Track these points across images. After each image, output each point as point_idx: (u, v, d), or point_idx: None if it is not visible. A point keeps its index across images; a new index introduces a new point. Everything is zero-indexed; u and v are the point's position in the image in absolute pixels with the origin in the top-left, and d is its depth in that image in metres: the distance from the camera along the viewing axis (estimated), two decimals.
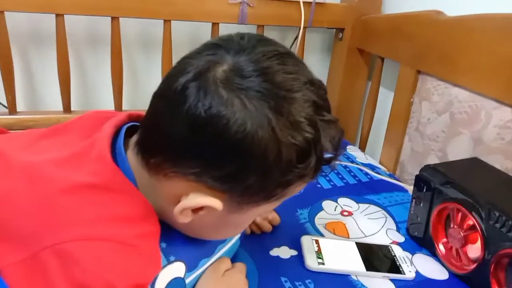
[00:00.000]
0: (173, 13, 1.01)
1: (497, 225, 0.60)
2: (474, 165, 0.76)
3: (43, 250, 0.40)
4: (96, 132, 0.49)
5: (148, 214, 0.46)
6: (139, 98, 1.15)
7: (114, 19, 0.98)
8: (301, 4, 1.08)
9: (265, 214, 0.68)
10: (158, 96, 0.46)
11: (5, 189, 0.44)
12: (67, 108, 1.04)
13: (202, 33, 1.11)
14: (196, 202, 0.44)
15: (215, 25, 1.07)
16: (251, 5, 1.06)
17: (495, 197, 0.63)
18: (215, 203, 0.44)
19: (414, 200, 0.75)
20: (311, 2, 1.10)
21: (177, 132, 0.42)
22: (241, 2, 1.05)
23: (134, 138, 0.49)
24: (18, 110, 1.02)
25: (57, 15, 0.94)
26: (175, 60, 0.46)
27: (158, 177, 0.45)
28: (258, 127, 0.40)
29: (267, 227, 0.73)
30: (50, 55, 1.00)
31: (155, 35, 1.08)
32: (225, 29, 1.09)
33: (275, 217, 0.74)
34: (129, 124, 0.52)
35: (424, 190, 0.72)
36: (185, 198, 0.45)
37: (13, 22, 0.95)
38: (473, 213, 0.63)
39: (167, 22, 1.02)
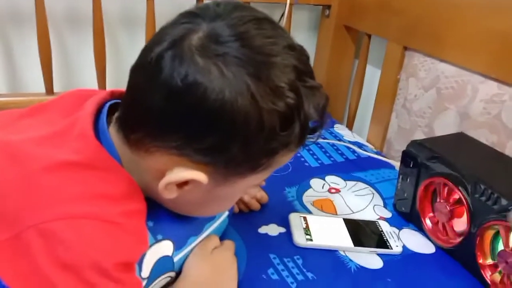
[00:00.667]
0: None
1: (483, 198, 0.60)
2: (460, 140, 0.76)
3: (26, 229, 0.39)
4: (78, 110, 0.48)
5: (133, 191, 0.46)
6: (122, 77, 1.10)
7: None
8: None
9: (253, 188, 0.67)
10: (135, 69, 0.45)
11: None
12: (49, 89, 1.01)
13: (185, 9, 1.09)
14: (180, 176, 0.43)
15: (199, 1, 1.04)
16: None
17: (481, 171, 0.64)
18: (200, 176, 0.43)
19: (401, 176, 0.75)
20: None
21: (155, 105, 0.41)
22: None
23: (115, 118, 0.48)
24: None
25: None
26: None
27: (140, 153, 0.44)
28: (237, 94, 0.39)
29: (256, 206, 0.73)
30: (31, 35, 0.97)
31: (138, 12, 1.06)
32: None
33: (263, 196, 0.74)
34: (112, 102, 0.50)
35: (411, 166, 0.72)
36: (169, 173, 0.43)
37: None
38: (459, 187, 0.63)
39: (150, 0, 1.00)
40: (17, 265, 0.39)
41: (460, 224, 0.66)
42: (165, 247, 0.51)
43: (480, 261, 0.62)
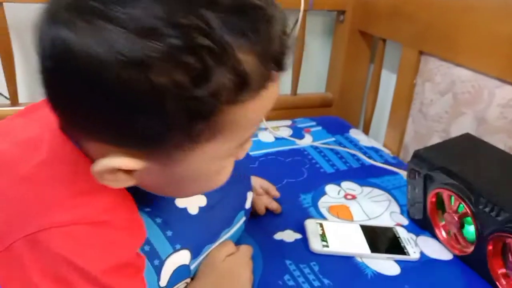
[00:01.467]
0: None
1: (487, 210, 0.59)
2: (466, 143, 0.75)
3: (16, 241, 0.38)
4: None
5: None
6: None
7: None
8: None
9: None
10: None
11: None
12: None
13: None
14: (103, 165, 0.37)
15: None
16: None
17: (485, 179, 0.63)
18: (130, 163, 0.37)
19: (409, 186, 0.74)
20: None
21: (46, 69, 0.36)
22: None
23: None
24: (20, 101, 1.02)
25: None
26: None
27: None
28: (104, 54, 0.31)
29: (275, 206, 0.74)
30: None
31: None
32: None
33: (278, 207, 0.75)
34: None
35: (416, 177, 0.71)
36: (101, 161, 0.38)
37: (12, 13, 0.95)
38: (464, 198, 0.62)
39: None
40: (11, 279, 0.38)
41: (470, 233, 0.65)
42: (183, 256, 0.52)
43: (494, 270, 0.60)
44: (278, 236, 0.70)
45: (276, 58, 0.36)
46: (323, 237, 0.68)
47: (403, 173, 0.92)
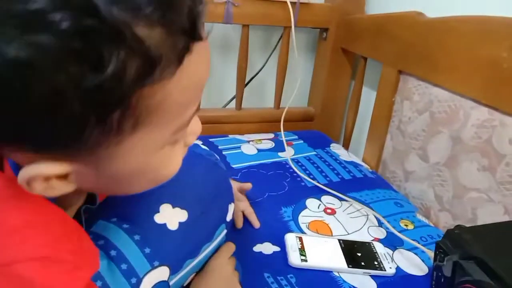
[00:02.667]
0: None
1: None
2: (510, 233, 0.63)
3: None
4: None
5: (52, 214, 0.38)
6: None
7: None
8: (289, 3, 1.09)
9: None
10: None
11: None
12: None
13: None
14: (29, 172, 0.34)
15: None
16: (236, 4, 1.07)
17: None
18: (55, 168, 0.34)
19: (435, 272, 0.63)
20: (295, 2, 1.11)
21: None
22: (226, 2, 1.05)
23: None
24: None
25: None
26: None
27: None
28: None
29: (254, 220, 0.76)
30: None
31: None
32: (210, 29, 1.09)
33: (255, 222, 0.76)
34: None
35: (444, 261, 0.59)
36: (26, 169, 0.34)
37: None
38: None
39: None
40: None
41: None
42: (161, 273, 0.52)
43: None
44: (257, 248, 0.71)
45: (186, 28, 0.31)
46: (302, 251, 0.69)
47: (385, 185, 0.94)
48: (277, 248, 0.71)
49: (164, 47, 0.30)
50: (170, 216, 0.55)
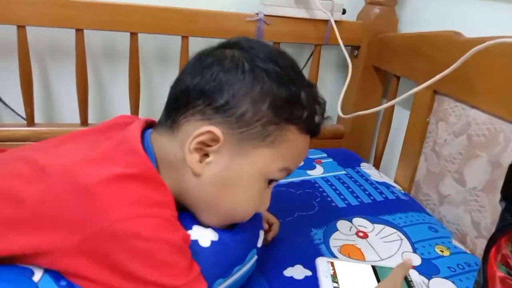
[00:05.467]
0: (192, 30, 1.02)
1: None
2: None
3: (98, 231, 0.45)
4: (120, 132, 0.56)
5: (171, 199, 0.53)
6: (155, 112, 1.15)
7: (133, 35, 1.00)
8: (330, 21, 1.09)
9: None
10: (184, 70, 0.57)
11: (46, 190, 0.48)
12: (84, 121, 1.05)
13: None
14: (200, 130, 0.51)
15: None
16: (267, 22, 1.07)
17: None
18: (216, 130, 0.51)
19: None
20: (327, 20, 1.10)
21: (187, 83, 0.53)
22: (258, 20, 1.06)
23: (155, 126, 0.59)
24: (36, 122, 1.03)
25: (77, 30, 0.96)
26: None
27: (173, 134, 0.54)
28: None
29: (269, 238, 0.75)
30: (69, 68, 1.01)
31: (171, 49, 1.09)
32: None
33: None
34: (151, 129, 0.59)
35: None
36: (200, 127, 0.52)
37: (34, 36, 0.97)
38: None
39: (185, 38, 1.03)
40: (96, 265, 0.46)
41: None
42: None
43: None
44: (288, 272, 0.69)
45: (314, 127, 0.58)
46: (334, 277, 0.67)
47: (418, 208, 0.91)
48: (308, 273, 0.69)
49: (311, 117, 0.56)
50: (203, 234, 0.56)
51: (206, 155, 0.53)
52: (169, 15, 1.00)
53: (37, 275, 0.49)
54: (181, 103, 0.54)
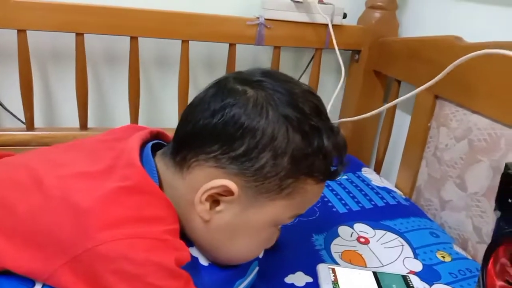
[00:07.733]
0: (192, 33, 1.02)
1: None
2: None
3: (84, 252, 0.44)
4: (119, 144, 0.55)
5: (172, 214, 0.51)
6: (155, 116, 1.15)
7: (133, 39, 0.99)
8: (329, 25, 1.09)
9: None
10: (192, 105, 0.54)
11: (40, 204, 0.47)
12: (83, 125, 1.04)
13: (218, 53, 1.12)
14: (214, 183, 0.49)
15: (232, 46, 1.07)
16: (268, 26, 1.06)
17: None
18: (231, 185, 0.49)
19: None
20: (327, 24, 1.10)
21: (202, 122, 0.50)
22: (258, 24, 1.06)
23: (161, 150, 0.56)
24: (35, 126, 1.03)
25: (77, 34, 0.96)
26: (191, 80, 0.51)
27: (182, 172, 0.51)
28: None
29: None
30: (69, 72, 1.01)
31: (171, 54, 1.09)
32: (242, 50, 1.09)
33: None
34: (154, 141, 0.57)
35: None
36: (206, 184, 0.50)
37: (34, 40, 0.97)
38: None
39: (185, 42, 1.03)
40: (86, 286, 0.44)
41: None
42: None
43: None
44: (289, 279, 0.69)
45: (333, 175, 0.55)
46: (335, 284, 0.67)
47: (419, 213, 0.91)
48: (309, 279, 0.69)
49: (328, 165, 0.54)
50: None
51: (217, 200, 0.51)
52: (169, 19, 0.99)
53: (38, 287, 0.48)
54: (194, 144, 0.50)
